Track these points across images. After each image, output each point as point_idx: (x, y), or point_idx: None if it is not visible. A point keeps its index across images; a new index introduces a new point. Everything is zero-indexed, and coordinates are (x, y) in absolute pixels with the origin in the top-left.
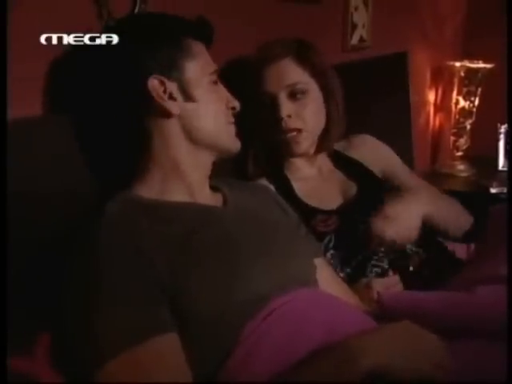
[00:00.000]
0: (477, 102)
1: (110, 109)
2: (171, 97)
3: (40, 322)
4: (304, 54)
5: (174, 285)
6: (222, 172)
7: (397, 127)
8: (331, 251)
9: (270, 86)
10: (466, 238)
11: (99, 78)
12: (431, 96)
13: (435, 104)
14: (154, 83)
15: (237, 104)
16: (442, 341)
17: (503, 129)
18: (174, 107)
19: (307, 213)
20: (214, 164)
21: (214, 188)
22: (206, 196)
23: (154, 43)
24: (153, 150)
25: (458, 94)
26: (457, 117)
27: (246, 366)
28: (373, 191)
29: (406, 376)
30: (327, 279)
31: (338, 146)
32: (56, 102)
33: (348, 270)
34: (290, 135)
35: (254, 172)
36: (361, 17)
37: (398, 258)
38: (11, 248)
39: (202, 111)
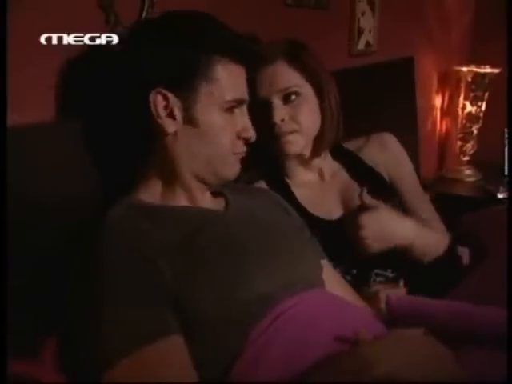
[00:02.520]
0: (484, 107)
1: (114, 115)
2: (171, 114)
3: (45, 326)
4: (295, 55)
5: (177, 286)
6: None
7: (403, 132)
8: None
9: (262, 90)
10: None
11: (105, 82)
12: (438, 101)
13: (442, 109)
14: (155, 97)
15: (252, 134)
16: (452, 351)
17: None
18: (169, 126)
19: (308, 221)
20: None
21: (215, 193)
22: (207, 201)
23: (168, 54)
24: (154, 157)
25: (465, 98)
26: (463, 122)
27: (254, 370)
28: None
29: None
30: (332, 280)
31: (355, 144)
32: (59, 107)
33: (348, 277)
34: (282, 137)
35: (254, 176)
36: (367, 22)
37: (402, 266)
38: (15, 251)
39: (202, 138)
